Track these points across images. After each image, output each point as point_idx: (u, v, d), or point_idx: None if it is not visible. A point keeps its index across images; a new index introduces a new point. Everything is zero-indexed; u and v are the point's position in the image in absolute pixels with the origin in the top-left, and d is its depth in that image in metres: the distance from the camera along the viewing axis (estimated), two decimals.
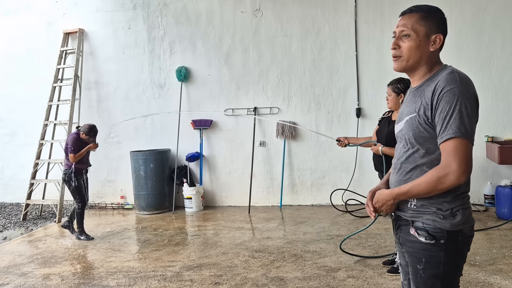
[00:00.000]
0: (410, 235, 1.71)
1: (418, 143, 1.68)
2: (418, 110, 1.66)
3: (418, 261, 1.69)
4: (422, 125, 1.65)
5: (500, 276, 3.55)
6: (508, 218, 5.10)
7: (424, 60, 1.69)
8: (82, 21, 7.12)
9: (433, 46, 1.68)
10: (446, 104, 1.57)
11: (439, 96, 1.59)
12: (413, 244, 1.70)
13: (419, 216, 1.68)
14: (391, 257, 3.95)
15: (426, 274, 1.67)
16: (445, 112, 1.57)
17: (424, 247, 1.66)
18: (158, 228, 5.69)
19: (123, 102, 7.06)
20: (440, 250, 1.64)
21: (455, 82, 1.59)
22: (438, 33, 1.68)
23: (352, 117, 6.34)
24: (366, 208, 1.86)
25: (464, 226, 1.65)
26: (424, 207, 1.67)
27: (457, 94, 1.56)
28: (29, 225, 6.29)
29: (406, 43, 1.70)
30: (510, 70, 5.86)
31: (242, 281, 3.71)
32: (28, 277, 4.11)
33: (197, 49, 6.80)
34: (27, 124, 7.38)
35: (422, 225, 1.67)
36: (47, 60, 7.19)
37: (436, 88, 1.60)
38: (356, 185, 6.34)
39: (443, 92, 1.58)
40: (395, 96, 3.61)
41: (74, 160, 5.12)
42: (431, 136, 1.64)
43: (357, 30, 6.26)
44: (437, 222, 1.64)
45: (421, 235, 1.66)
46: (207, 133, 6.84)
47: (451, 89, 1.57)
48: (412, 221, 1.70)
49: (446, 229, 1.63)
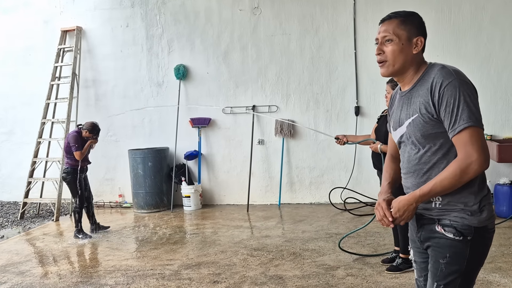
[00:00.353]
0: (435, 232, 1.71)
1: (429, 142, 1.69)
2: (420, 110, 1.68)
3: (442, 256, 1.69)
4: (429, 123, 1.67)
5: (499, 274, 3.55)
6: (507, 216, 5.11)
7: (409, 62, 1.73)
8: (79, 19, 7.09)
9: (416, 49, 1.73)
10: (450, 97, 1.59)
11: (439, 92, 1.61)
12: (438, 240, 1.70)
13: (445, 214, 1.69)
14: (390, 255, 3.95)
15: (448, 269, 1.68)
16: (451, 105, 1.59)
17: (450, 243, 1.67)
18: (156, 226, 5.68)
19: (121, 100, 7.03)
20: (466, 247, 1.66)
21: (451, 76, 1.62)
22: (418, 36, 1.73)
23: (351, 115, 6.33)
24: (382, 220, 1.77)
25: (489, 221, 1.68)
26: (450, 205, 1.68)
27: (457, 85, 1.59)
28: (26, 223, 6.26)
29: (389, 47, 1.73)
30: (508, 68, 5.86)
31: (240, 280, 3.70)
32: (26, 275, 4.09)
33: (195, 47, 6.77)
34: (25, 122, 7.35)
35: (449, 222, 1.67)
36: (45, 58, 7.16)
37: (434, 85, 1.63)
38: (355, 184, 6.33)
39: (443, 87, 1.60)
40: None
41: (80, 157, 5.10)
42: (441, 131, 1.66)
43: (356, 28, 6.25)
44: (465, 219, 1.65)
45: (449, 231, 1.67)
46: (205, 132, 6.82)
47: (450, 82, 1.60)
48: (438, 219, 1.71)
49: (474, 225, 1.64)
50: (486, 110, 5.70)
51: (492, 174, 5.78)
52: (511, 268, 3.67)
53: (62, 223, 6.17)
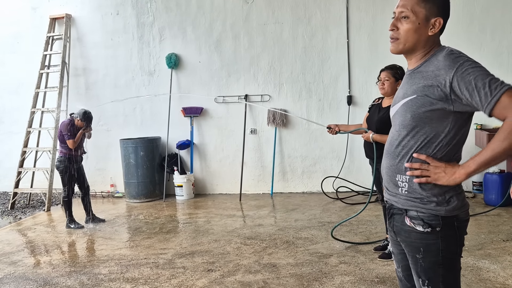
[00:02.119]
0: (405, 225, 1.67)
1: (415, 125, 1.63)
2: (420, 92, 1.61)
3: (417, 250, 1.66)
4: (424, 106, 1.60)
5: (489, 261, 3.62)
6: (496, 204, 5.19)
7: (421, 44, 1.65)
8: (68, 6, 6.97)
9: (432, 30, 1.63)
10: (469, 76, 1.51)
11: (452, 78, 1.53)
12: (409, 234, 1.67)
13: (411, 204, 1.65)
14: (382, 243, 4.00)
15: (426, 263, 1.65)
16: (474, 83, 1.50)
17: (420, 236, 1.63)
18: (149, 216, 5.67)
19: (113, 89, 6.96)
20: (437, 238, 1.61)
21: (460, 58, 1.55)
22: (438, 17, 1.63)
23: (343, 104, 6.35)
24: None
25: (460, 211, 1.62)
26: (415, 193, 1.63)
27: (471, 64, 1.53)
28: (17, 213, 6.21)
29: (404, 25, 1.64)
30: (499, 58, 5.90)
31: (234, 268, 3.73)
32: (18, 265, 4.07)
33: (187, 35, 6.71)
34: (14, 112, 7.25)
35: (416, 214, 1.63)
36: (33, 46, 7.04)
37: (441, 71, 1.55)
38: (347, 173, 6.38)
39: (459, 71, 1.53)
40: (394, 81, 3.57)
41: (74, 145, 5.04)
42: (431, 118, 1.60)
43: (348, 17, 6.24)
44: (431, 210, 1.61)
45: (417, 224, 1.63)
46: (197, 121, 6.79)
47: (463, 63, 1.53)
48: (406, 210, 1.67)
49: (441, 215, 1.60)
50: None
51: None
52: (500, 255, 3.74)
53: (54, 213, 6.13)
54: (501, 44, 5.87)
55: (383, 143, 3.55)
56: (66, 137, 5.03)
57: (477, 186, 5.85)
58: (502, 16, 5.84)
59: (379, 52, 6.07)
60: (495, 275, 3.35)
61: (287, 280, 3.42)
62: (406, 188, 1.66)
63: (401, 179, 1.68)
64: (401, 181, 1.68)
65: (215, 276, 3.57)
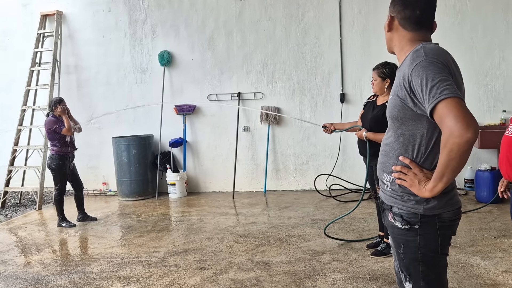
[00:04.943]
0: (389, 220, 1.72)
1: (394, 125, 1.67)
2: (393, 92, 1.66)
3: (398, 246, 1.70)
4: (396, 107, 1.62)
5: (480, 257, 3.65)
6: (487, 201, 5.22)
7: (393, 43, 1.74)
8: (59, 3, 6.90)
9: (387, 29, 1.74)
10: (417, 78, 1.49)
11: (409, 77, 1.52)
12: (393, 229, 1.71)
13: (394, 201, 1.68)
14: (374, 240, 4.01)
15: (407, 258, 1.68)
16: (419, 86, 1.48)
17: (401, 232, 1.67)
18: (141, 214, 5.64)
19: (104, 87, 6.91)
20: (416, 235, 1.63)
21: (420, 57, 1.53)
22: (390, 14, 1.73)
23: (336, 102, 6.35)
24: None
25: (442, 210, 1.61)
26: (397, 191, 1.67)
27: (425, 65, 1.50)
28: (8, 212, 6.15)
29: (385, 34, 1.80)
30: (490, 56, 5.94)
31: (227, 266, 3.72)
32: (9, 264, 4.02)
33: (179, 33, 6.67)
34: (4, 110, 7.17)
35: (397, 210, 1.67)
36: (24, 43, 6.97)
37: (404, 70, 1.57)
38: (340, 170, 6.39)
39: (411, 70, 1.52)
40: (380, 80, 3.60)
41: (69, 130, 4.99)
42: (405, 118, 1.61)
43: (341, 14, 6.24)
44: (410, 207, 1.63)
45: (397, 220, 1.66)
46: (190, 119, 6.76)
47: (418, 63, 1.52)
48: (390, 206, 1.71)
49: (420, 213, 1.61)
50: (468, 97, 5.71)
51: (473, 160, 5.89)
52: (491, 251, 3.77)
53: (45, 212, 6.08)
54: (493, 42, 5.90)
55: (376, 141, 3.56)
56: (58, 129, 4.98)
57: (469, 183, 5.89)
58: (494, 14, 5.87)
59: (372, 50, 6.08)
60: (486, 271, 3.37)
61: (280, 278, 3.42)
62: (389, 186, 1.71)
63: (386, 177, 1.73)
64: (386, 180, 1.73)
65: (208, 274, 3.56)
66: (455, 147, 1.41)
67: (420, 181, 1.59)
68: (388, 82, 3.54)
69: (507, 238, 4.07)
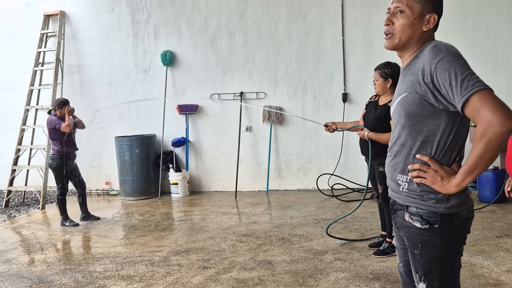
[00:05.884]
0: (405, 220, 1.69)
1: (410, 123, 1.63)
2: (410, 89, 1.60)
3: (415, 246, 1.67)
4: (415, 103, 1.59)
5: (482, 257, 3.65)
6: (490, 201, 5.22)
7: (415, 39, 1.65)
8: (62, 3, 6.93)
9: (426, 26, 1.64)
10: (443, 72, 1.49)
11: (431, 72, 1.52)
12: (408, 229, 1.68)
13: (411, 200, 1.66)
14: (376, 240, 4.01)
15: (423, 259, 1.65)
16: (447, 80, 1.48)
17: (419, 232, 1.64)
18: (144, 213, 5.66)
19: (107, 86, 6.93)
20: (435, 235, 1.62)
21: (441, 52, 1.53)
22: (432, 13, 1.63)
23: (338, 102, 6.36)
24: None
25: (460, 208, 1.61)
26: (416, 191, 1.64)
27: (450, 60, 1.50)
28: (11, 211, 6.18)
29: (399, 20, 1.64)
30: (493, 56, 5.93)
31: (230, 265, 3.73)
32: (13, 263, 4.05)
33: (182, 32, 6.69)
34: (8, 109, 7.19)
35: (415, 210, 1.64)
36: (27, 43, 6.99)
37: (424, 65, 1.55)
38: (342, 170, 6.39)
39: (435, 65, 1.52)
40: (382, 81, 3.60)
41: (69, 127, 4.98)
42: (424, 115, 1.59)
43: (344, 14, 6.24)
44: (430, 206, 1.61)
45: (416, 220, 1.63)
46: (193, 118, 6.78)
47: (442, 58, 1.51)
48: (407, 206, 1.68)
49: (440, 212, 1.60)
50: None
51: None
52: (493, 251, 3.77)
53: (48, 211, 6.11)
54: (495, 42, 5.90)
55: (378, 141, 3.57)
56: (58, 126, 4.99)
57: (471, 183, 5.87)
58: (496, 14, 5.87)
59: (374, 49, 6.08)
60: (489, 271, 3.37)
61: (282, 277, 3.43)
62: (407, 186, 1.67)
63: (402, 178, 1.69)
64: (402, 180, 1.69)
65: (210, 273, 3.57)
66: (494, 137, 1.40)
67: (443, 178, 1.57)
68: (390, 82, 3.55)
69: (509, 238, 4.07)
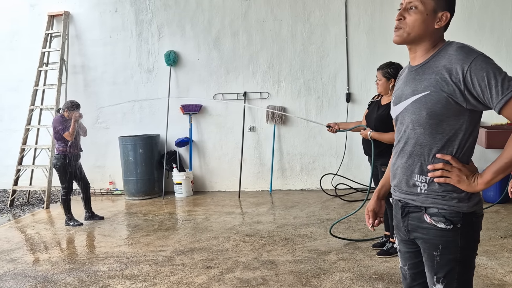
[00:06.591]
0: (423, 222, 1.64)
1: (432, 123, 1.59)
2: (433, 87, 1.57)
3: (435, 247, 1.63)
4: (440, 103, 1.56)
5: (486, 257, 3.64)
6: (494, 201, 5.20)
7: (427, 36, 1.62)
8: (67, 4, 6.95)
9: (438, 24, 1.62)
10: (480, 72, 1.49)
11: (464, 71, 1.51)
12: (428, 231, 1.63)
13: (433, 201, 1.62)
14: (380, 240, 4.01)
15: (444, 260, 1.62)
16: (487, 79, 1.48)
17: (441, 233, 1.60)
18: (148, 213, 5.68)
19: (111, 86, 6.96)
20: (458, 235, 1.59)
21: (473, 52, 1.53)
22: (445, 11, 1.62)
23: (342, 102, 6.35)
24: None
25: (478, 206, 1.63)
26: (436, 191, 1.61)
27: (485, 60, 1.50)
28: (16, 211, 6.22)
29: (412, 15, 1.61)
30: (498, 55, 5.87)
31: (233, 265, 3.74)
32: (18, 263, 4.07)
33: (186, 33, 6.70)
34: (12, 109, 7.23)
35: (437, 211, 1.60)
36: (32, 44, 7.03)
37: (453, 64, 1.53)
38: (346, 170, 6.38)
39: (469, 65, 1.51)
40: (385, 81, 3.60)
41: (70, 137, 5.00)
42: (448, 114, 1.57)
43: (347, 14, 6.23)
44: (453, 206, 1.59)
45: (439, 221, 1.59)
46: (196, 118, 6.79)
47: (476, 58, 1.51)
48: (425, 207, 1.63)
49: (463, 211, 1.58)
50: None
51: (480, 160, 5.82)
52: (498, 251, 3.76)
53: (53, 211, 6.14)
54: (500, 41, 5.87)
55: (380, 140, 3.57)
56: (61, 131, 5.02)
57: None
58: (501, 13, 5.84)
59: (378, 50, 6.06)
60: (493, 271, 3.36)
61: (286, 277, 3.43)
62: (426, 187, 1.63)
63: (420, 179, 1.64)
64: (420, 181, 1.65)
65: (214, 273, 3.58)
66: None
67: (468, 176, 1.57)
68: (392, 82, 3.54)
69: None
